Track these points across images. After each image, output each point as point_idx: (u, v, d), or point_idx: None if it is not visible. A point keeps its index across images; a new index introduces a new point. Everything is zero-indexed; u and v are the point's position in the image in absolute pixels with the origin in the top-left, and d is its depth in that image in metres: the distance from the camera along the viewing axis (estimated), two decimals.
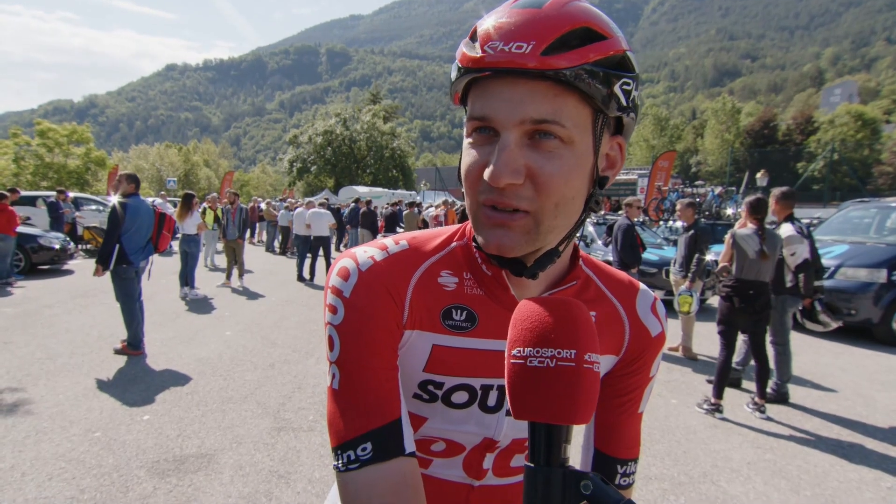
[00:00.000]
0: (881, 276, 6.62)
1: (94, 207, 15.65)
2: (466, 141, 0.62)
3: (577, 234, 0.68)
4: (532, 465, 0.46)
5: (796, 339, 4.60)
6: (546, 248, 0.64)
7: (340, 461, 0.61)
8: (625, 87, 0.59)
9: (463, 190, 0.64)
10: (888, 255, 6.81)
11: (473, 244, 0.69)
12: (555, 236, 0.63)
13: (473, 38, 0.60)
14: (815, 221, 11.08)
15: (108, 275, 5.10)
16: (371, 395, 0.62)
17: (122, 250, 5.04)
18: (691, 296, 5.31)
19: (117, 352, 5.23)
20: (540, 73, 0.54)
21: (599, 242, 9.39)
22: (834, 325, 4.42)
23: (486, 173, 0.57)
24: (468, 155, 0.61)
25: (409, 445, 0.63)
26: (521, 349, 0.47)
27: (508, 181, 0.56)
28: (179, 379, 4.61)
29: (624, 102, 0.60)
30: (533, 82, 0.56)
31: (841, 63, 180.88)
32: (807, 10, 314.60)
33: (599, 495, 0.43)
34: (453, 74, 0.62)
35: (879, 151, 46.54)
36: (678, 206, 6.00)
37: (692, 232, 5.71)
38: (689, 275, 5.53)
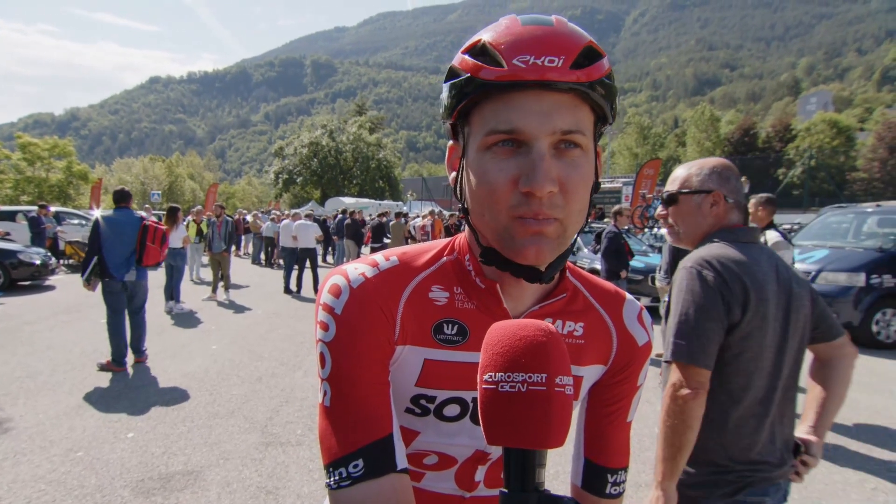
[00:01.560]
0: (860, 279, 6.76)
1: (76, 222, 15.37)
2: (484, 155, 0.61)
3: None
4: (507, 491, 0.46)
5: None
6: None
7: (332, 479, 0.61)
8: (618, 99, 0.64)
9: (483, 209, 0.62)
10: (866, 259, 6.96)
11: (480, 259, 0.68)
12: (570, 241, 0.65)
13: (482, 52, 0.60)
14: (795, 227, 11.32)
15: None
16: (362, 412, 0.62)
17: (104, 264, 4.98)
18: None
19: (101, 368, 5.13)
20: (567, 87, 0.57)
21: (586, 250, 9.46)
22: None
23: (528, 184, 0.57)
24: (492, 170, 0.60)
25: (402, 461, 0.62)
26: (493, 374, 0.47)
27: (550, 189, 0.58)
28: (165, 395, 4.54)
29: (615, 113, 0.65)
30: (559, 94, 0.58)
31: (815, 73, 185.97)
32: (782, 22, 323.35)
33: None
34: (454, 91, 0.62)
35: (854, 158, 47.80)
36: (658, 213, 6.10)
37: None
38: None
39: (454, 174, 0.70)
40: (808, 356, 1.48)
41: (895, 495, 3.09)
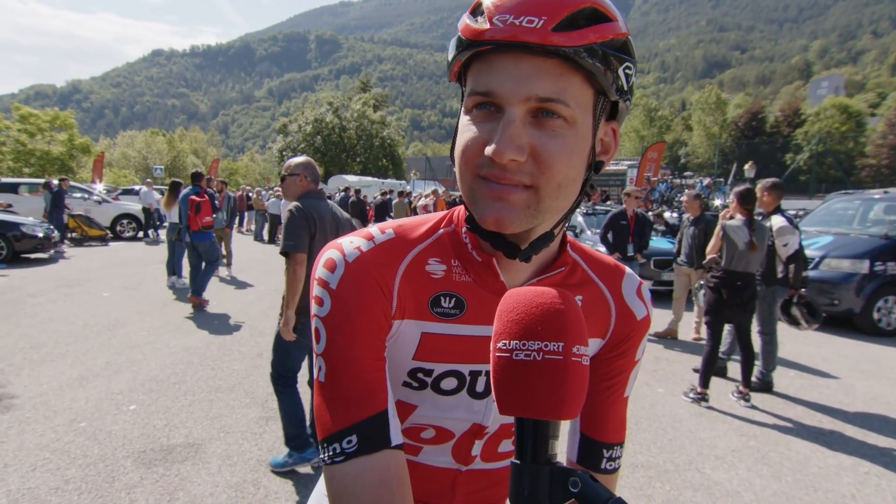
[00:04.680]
0: (863, 266, 6.72)
1: (78, 195, 15.26)
2: (465, 118, 0.60)
3: (570, 218, 0.67)
4: (518, 462, 0.45)
5: (780, 329, 4.67)
6: (541, 230, 0.63)
7: (326, 454, 0.61)
8: (627, 70, 0.59)
9: (456, 168, 0.62)
10: (870, 247, 6.91)
11: (466, 227, 0.67)
12: (552, 217, 0.61)
13: (477, 11, 0.58)
14: (800, 213, 11.24)
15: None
16: (357, 388, 0.62)
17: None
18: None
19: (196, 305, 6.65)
20: (549, 50, 0.53)
21: (589, 233, 9.43)
22: (806, 326, 4.33)
23: (489, 149, 0.55)
24: (467, 131, 0.59)
25: (396, 437, 0.62)
26: (507, 342, 0.45)
27: (512, 157, 0.54)
28: (166, 368, 4.58)
29: (625, 86, 0.59)
30: (540, 59, 0.54)
31: (828, 56, 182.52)
32: (795, 3, 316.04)
33: (588, 493, 0.42)
34: (453, 49, 0.61)
35: (864, 144, 47.17)
36: (685, 199, 5.96)
37: (703, 225, 5.70)
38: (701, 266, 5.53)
39: None
40: None
41: (887, 479, 3.12)
